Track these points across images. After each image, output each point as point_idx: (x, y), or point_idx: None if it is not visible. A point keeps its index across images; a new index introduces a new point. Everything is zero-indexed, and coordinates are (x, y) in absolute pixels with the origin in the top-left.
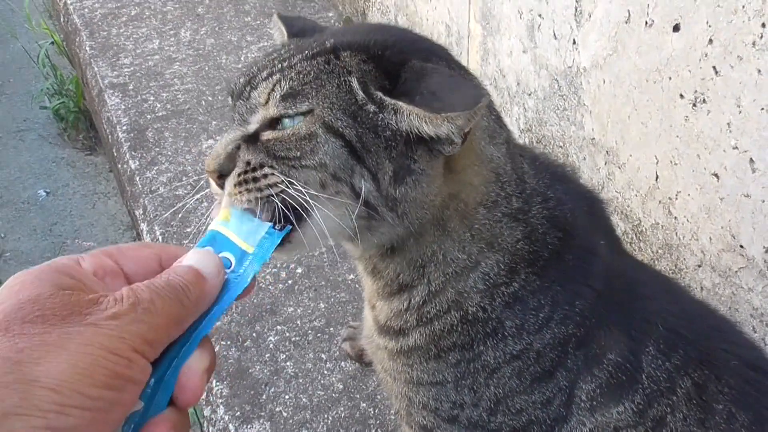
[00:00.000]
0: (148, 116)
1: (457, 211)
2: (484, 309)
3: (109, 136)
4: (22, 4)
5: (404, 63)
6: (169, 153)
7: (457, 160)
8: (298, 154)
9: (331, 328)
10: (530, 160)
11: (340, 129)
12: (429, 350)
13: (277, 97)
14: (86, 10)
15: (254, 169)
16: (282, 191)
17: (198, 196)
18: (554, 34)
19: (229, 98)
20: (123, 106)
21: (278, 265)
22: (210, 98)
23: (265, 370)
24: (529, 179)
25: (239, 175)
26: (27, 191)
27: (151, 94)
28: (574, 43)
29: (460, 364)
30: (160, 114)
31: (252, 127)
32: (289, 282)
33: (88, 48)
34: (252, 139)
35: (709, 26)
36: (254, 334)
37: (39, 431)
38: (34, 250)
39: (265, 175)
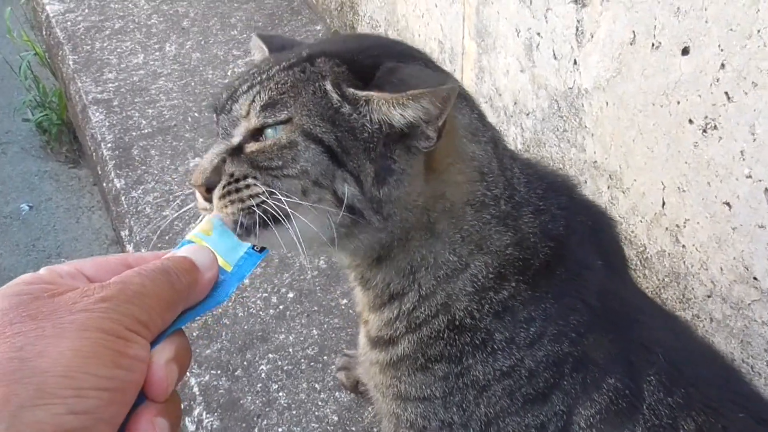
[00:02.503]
0: (134, 133)
1: (444, 212)
2: (472, 315)
3: (94, 154)
4: (2, 15)
5: (378, 65)
6: (156, 172)
7: (437, 158)
8: (280, 163)
9: (325, 357)
10: (523, 166)
11: (319, 135)
12: (416, 359)
13: (257, 107)
14: (69, 23)
15: (237, 180)
16: (263, 201)
17: (186, 212)
18: (554, 54)
19: (213, 113)
20: (107, 123)
21: (269, 290)
22: (197, 114)
23: (257, 401)
24: (520, 185)
25: (223, 187)
26: (9, 205)
27: (136, 110)
28: (575, 63)
29: (448, 378)
30: (146, 131)
31: (236, 139)
32: (281, 307)
33: (71, 62)
34: (236, 152)
35: (722, 50)
36: (245, 363)
37: (62, 417)
38: (17, 266)
39: (248, 186)
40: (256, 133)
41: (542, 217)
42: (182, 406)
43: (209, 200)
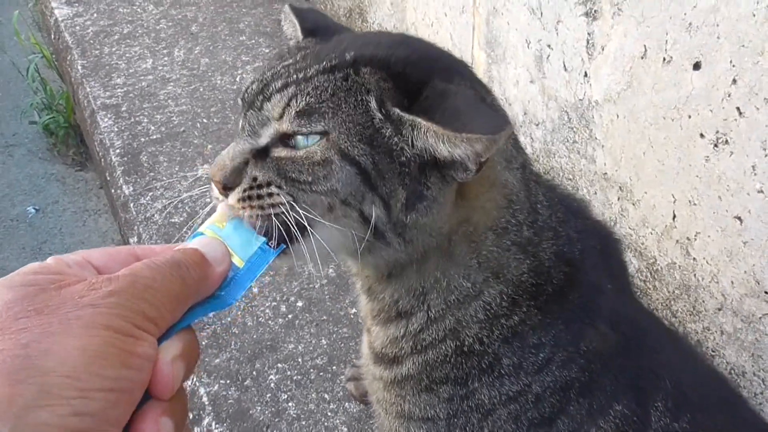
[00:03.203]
0: (142, 139)
1: (465, 236)
2: (481, 341)
3: (102, 159)
4: (10, 17)
5: (426, 82)
6: (164, 178)
7: (471, 186)
8: (310, 179)
9: (334, 367)
10: (546, 190)
11: (356, 157)
12: (421, 380)
13: (293, 113)
14: (78, 27)
15: (260, 186)
16: (284, 212)
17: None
18: (564, 66)
19: (240, 101)
20: (116, 129)
21: (278, 299)
22: (205, 120)
23: (266, 412)
24: (543, 210)
25: (244, 190)
26: (16, 208)
27: (144, 116)
28: (586, 75)
29: (453, 400)
30: (155, 137)
31: (263, 140)
32: (290, 316)
33: (79, 67)
34: (261, 154)
35: (733, 66)
36: (254, 373)
37: (67, 419)
38: None
39: (270, 194)
40: (286, 137)
41: (560, 242)
42: (191, 416)
43: (225, 195)
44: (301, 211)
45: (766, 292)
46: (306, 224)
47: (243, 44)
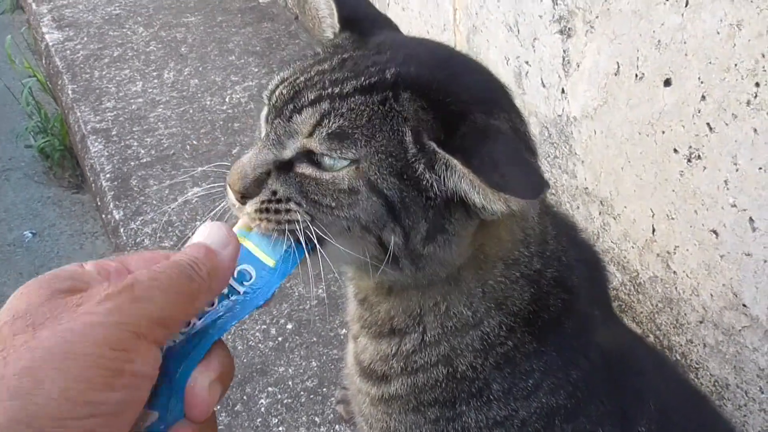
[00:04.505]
0: (132, 163)
1: (474, 263)
2: (474, 368)
3: (93, 185)
4: (3, 42)
5: (466, 115)
6: (154, 202)
7: (493, 222)
8: (333, 204)
9: (324, 389)
10: (553, 219)
11: (385, 190)
12: (409, 401)
13: (324, 134)
14: (68, 51)
15: (279, 201)
16: (298, 230)
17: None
18: (542, 82)
19: (265, 100)
20: (106, 153)
21: (268, 321)
22: (195, 142)
23: None
24: (551, 240)
25: (262, 202)
26: (13, 233)
27: (134, 139)
28: (563, 92)
29: (439, 422)
30: (145, 160)
31: (288, 153)
32: (279, 339)
33: (70, 92)
34: (284, 167)
35: (702, 83)
36: (245, 397)
37: None
38: None
39: (288, 210)
40: (312, 154)
41: (562, 270)
42: None
43: (243, 203)
44: (315, 230)
45: (744, 305)
46: (317, 244)
47: (232, 64)
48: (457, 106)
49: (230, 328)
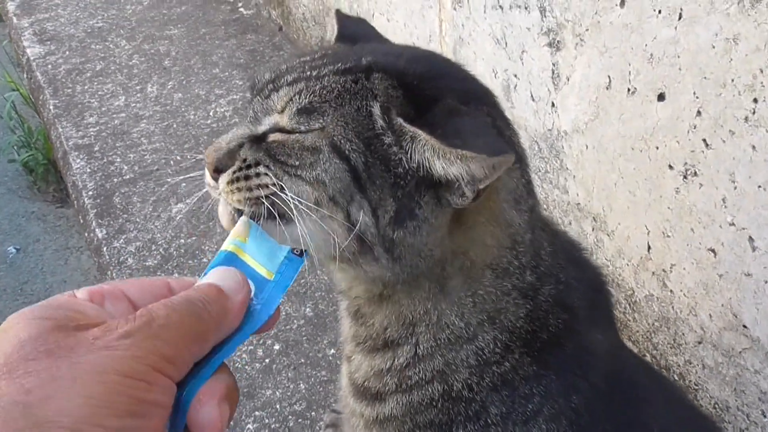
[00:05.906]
0: (115, 180)
1: (461, 270)
2: (470, 388)
3: (75, 202)
4: None
5: (438, 99)
6: (138, 220)
7: (469, 214)
8: (297, 162)
9: (313, 412)
10: (550, 236)
11: (347, 152)
12: (404, 423)
13: (294, 109)
14: (50, 66)
15: (248, 167)
16: (273, 194)
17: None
18: (531, 96)
19: (249, 91)
20: (89, 170)
21: (255, 342)
22: (179, 158)
23: None
24: (546, 256)
25: (233, 172)
26: None
27: (117, 155)
28: (553, 105)
29: None
30: (128, 177)
31: (262, 128)
32: (266, 361)
33: (51, 107)
34: (258, 140)
35: (697, 98)
36: (231, 423)
37: None
38: (4, 311)
39: (258, 174)
40: (284, 130)
41: (560, 288)
42: None
43: (216, 179)
44: (287, 199)
45: (744, 326)
46: (294, 211)
47: (216, 77)
48: (430, 92)
49: (236, 349)
